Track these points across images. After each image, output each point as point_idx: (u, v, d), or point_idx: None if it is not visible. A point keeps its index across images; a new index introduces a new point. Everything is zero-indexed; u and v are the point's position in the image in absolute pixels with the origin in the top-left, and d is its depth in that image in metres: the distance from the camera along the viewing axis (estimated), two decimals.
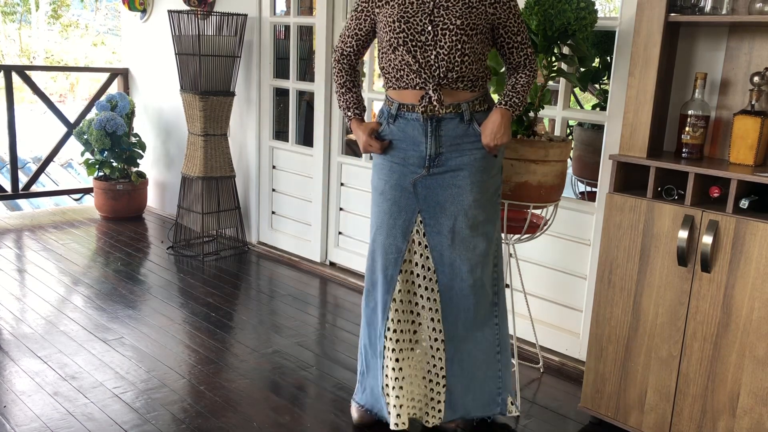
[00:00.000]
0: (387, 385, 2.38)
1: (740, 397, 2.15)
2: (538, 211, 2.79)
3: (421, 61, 2.17)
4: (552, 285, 3.16)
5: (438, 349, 2.38)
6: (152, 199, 5.61)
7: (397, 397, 2.36)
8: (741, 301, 2.13)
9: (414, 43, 2.16)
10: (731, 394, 2.17)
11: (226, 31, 4.26)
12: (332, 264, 4.30)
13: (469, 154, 2.24)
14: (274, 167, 4.59)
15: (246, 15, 4.33)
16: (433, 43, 2.16)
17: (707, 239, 2.16)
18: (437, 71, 2.18)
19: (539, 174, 2.51)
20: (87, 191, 5.78)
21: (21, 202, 6.28)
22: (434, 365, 2.40)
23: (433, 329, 2.36)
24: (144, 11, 5.28)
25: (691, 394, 2.26)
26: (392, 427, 2.36)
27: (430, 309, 2.35)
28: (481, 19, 2.18)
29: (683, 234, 2.21)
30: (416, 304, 2.38)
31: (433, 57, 2.17)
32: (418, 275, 2.34)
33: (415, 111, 2.22)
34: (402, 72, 2.21)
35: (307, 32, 4.69)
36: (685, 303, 2.25)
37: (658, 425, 2.35)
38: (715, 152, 2.47)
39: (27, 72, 5.41)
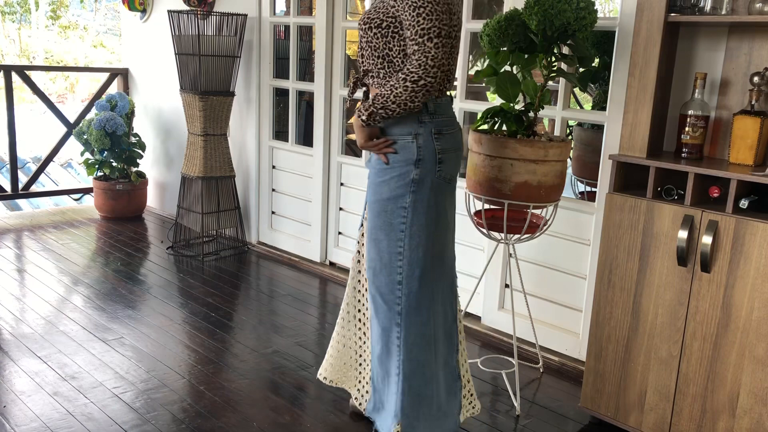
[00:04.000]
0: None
1: (740, 397, 2.15)
2: (538, 211, 2.79)
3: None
4: (552, 285, 3.16)
5: (366, 342, 2.46)
6: (152, 199, 5.61)
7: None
8: (741, 301, 2.13)
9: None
10: (731, 394, 2.17)
11: (225, 31, 4.27)
12: (332, 264, 4.31)
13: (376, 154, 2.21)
14: (273, 167, 4.59)
15: (246, 15, 4.33)
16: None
17: (707, 239, 2.16)
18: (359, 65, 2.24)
19: (539, 174, 2.51)
20: (87, 191, 5.78)
21: (21, 202, 6.28)
22: (365, 351, 2.46)
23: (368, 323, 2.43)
24: (144, 11, 5.28)
25: (691, 394, 2.26)
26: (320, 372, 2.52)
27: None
28: (380, 12, 2.05)
29: (683, 234, 2.21)
30: (359, 291, 2.46)
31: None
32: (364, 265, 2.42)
33: None
34: None
35: (307, 32, 4.69)
36: (685, 303, 2.25)
37: (658, 425, 2.35)
38: (714, 152, 2.47)
39: (27, 72, 5.41)
